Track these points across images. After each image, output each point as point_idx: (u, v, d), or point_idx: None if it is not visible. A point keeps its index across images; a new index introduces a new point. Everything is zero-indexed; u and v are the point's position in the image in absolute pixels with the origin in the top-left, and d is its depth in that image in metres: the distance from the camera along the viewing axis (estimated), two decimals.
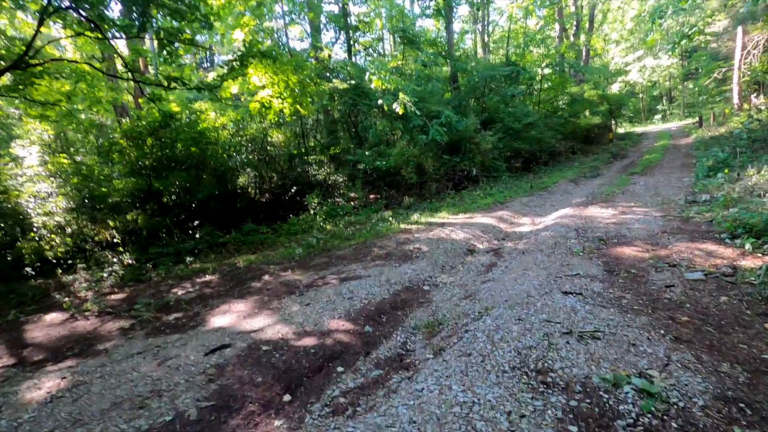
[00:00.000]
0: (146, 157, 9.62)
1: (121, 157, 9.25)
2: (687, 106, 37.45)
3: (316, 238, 7.47)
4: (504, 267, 4.85)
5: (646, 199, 7.57)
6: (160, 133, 9.45)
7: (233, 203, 10.70)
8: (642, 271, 4.19)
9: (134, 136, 9.54)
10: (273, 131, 12.50)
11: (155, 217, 9.93)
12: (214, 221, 10.24)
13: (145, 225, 9.63)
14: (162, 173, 9.78)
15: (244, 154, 11.47)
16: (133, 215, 9.67)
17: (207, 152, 9.81)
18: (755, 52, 16.50)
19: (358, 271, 5.31)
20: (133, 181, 9.90)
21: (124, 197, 10.05)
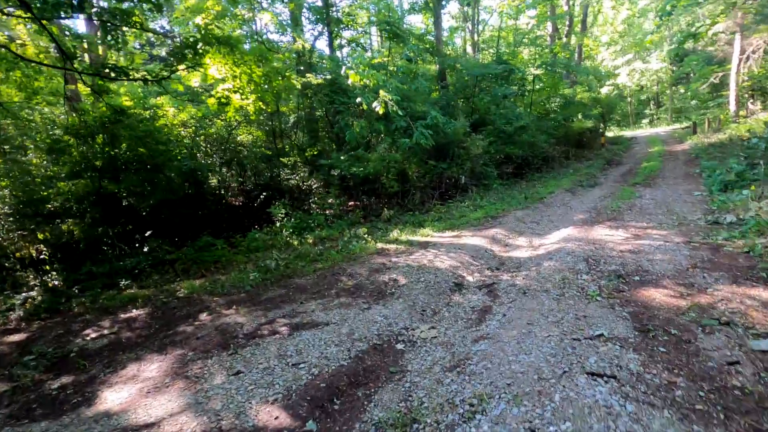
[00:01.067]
0: (96, 156, 8.38)
1: (67, 157, 7.99)
2: (675, 111, 37.19)
3: (276, 259, 6.30)
4: (501, 316, 3.76)
5: (659, 218, 6.59)
6: (111, 130, 8.20)
7: (192, 211, 9.45)
8: (685, 331, 3.15)
9: (80, 132, 8.28)
10: (241, 130, 11.27)
11: (97, 226, 8.64)
12: (167, 232, 8.98)
13: (82, 237, 8.33)
14: (116, 175, 8.54)
15: (204, 156, 10.21)
16: (69, 225, 8.35)
17: (158, 153, 8.53)
18: (755, 57, 15.84)
19: (316, 314, 4.17)
20: (82, 183, 8.62)
21: (70, 202, 8.74)
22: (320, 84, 9.60)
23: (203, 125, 10.21)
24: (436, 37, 15.36)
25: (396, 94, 8.55)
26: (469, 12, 22.02)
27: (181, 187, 9.09)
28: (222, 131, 10.50)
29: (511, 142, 12.36)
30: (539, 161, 13.61)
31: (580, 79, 19.87)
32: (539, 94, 17.91)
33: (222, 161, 10.43)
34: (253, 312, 4.48)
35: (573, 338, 3.14)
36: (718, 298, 3.62)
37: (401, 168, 9.07)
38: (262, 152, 11.96)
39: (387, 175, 8.81)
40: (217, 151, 10.65)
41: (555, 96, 18.30)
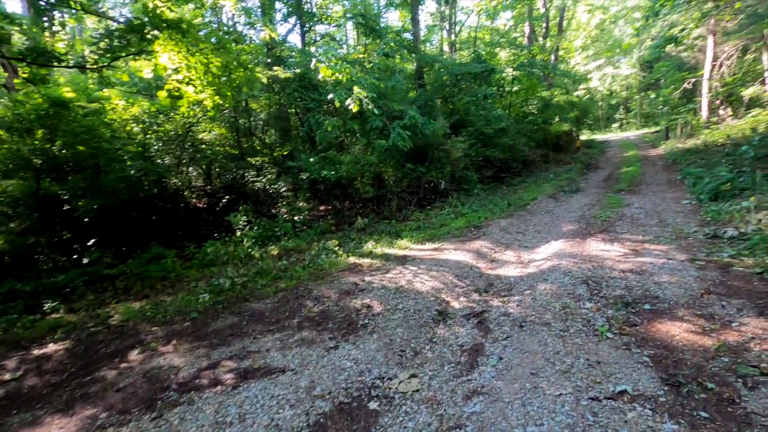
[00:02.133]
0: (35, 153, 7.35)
1: None
2: (644, 115, 38.07)
3: (232, 277, 5.46)
4: (497, 359, 3.10)
5: (653, 230, 6.13)
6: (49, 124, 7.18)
7: (145, 216, 8.45)
8: (723, 385, 2.57)
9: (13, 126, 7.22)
10: (204, 126, 10.29)
11: (29, 234, 7.55)
12: (113, 241, 7.97)
13: (7, 247, 7.25)
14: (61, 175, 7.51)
15: (160, 155, 9.20)
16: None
17: (100, 152, 7.52)
18: (728, 63, 15.96)
19: (271, 356, 3.40)
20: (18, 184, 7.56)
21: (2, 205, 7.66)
22: (289, 78, 8.76)
23: (158, 121, 9.21)
24: (414, 34, 14.74)
25: (371, 91, 7.83)
26: (447, 12, 21.56)
27: (129, 189, 8.09)
28: (180, 128, 9.51)
29: (492, 144, 11.86)
30: (519, 165, 13.19)
31: (557, 82, 19.70)
32: (517, 96, 17.59)
33: (179, 161, 9.44)
34: (195, 350, 3.66)
35: (591, 398, 2.50)
36: (747, 336, 3.08)
37: (377, 171, 8.35)
38: (225, 151, 11.02)
39: (361, 179, 8.08)
40: (175, 149, 9.65)
41: (533, 98, 18.02)
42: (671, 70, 21.40)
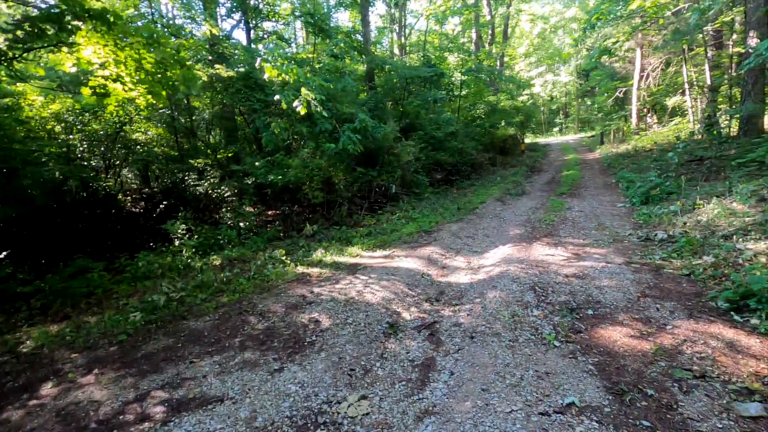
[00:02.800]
0: None
1: None
2: (581, 121, 40.55)
3: (167, 293, 5.03)
4: (448, 374, 3.03)
5: (593, 233, 6.42)
6: None
7: (70, 224, 7.67)
8: (662, 390, 2.65)
9: None
10: (135, 127, 9.53)
11: None
12: (30, 253, 7.16)
13: None
14: None
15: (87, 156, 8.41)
16: None
17: (12, 154, 6.71)
18: (653, 74, 17.32)
19: (208, 382, 3.11)
20: None
21: None
22: (232, 77, 8.30)
23: (84, 120, 8.40)
24: (364, 35, 14.62)
25: (320, 93, 7.59)
26: (397, 14, 21.67)
27: (50, 195, 7.30)
28: (110, 127, 8.74)
29: (441, 148, 12.01)
30: (468, 168, 13.47)
31: (503, 87, 20.43)
32: (466, 100, 18.01)
33: (108, 163, 8.67)
34: (121, 380, 3.29)
35: (541, 413, 2.48)
36: (680, 339, 3.23)
37: (326, 176, 8.13)
38: (164, 153, 10.29)
39: (310, 184, 7.81)
40: (104, 151, 8.85)
41: (480, 103, 18.55)
42: (605, 79, 22.91)
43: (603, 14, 10.07)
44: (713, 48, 13.62)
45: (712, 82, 12.95)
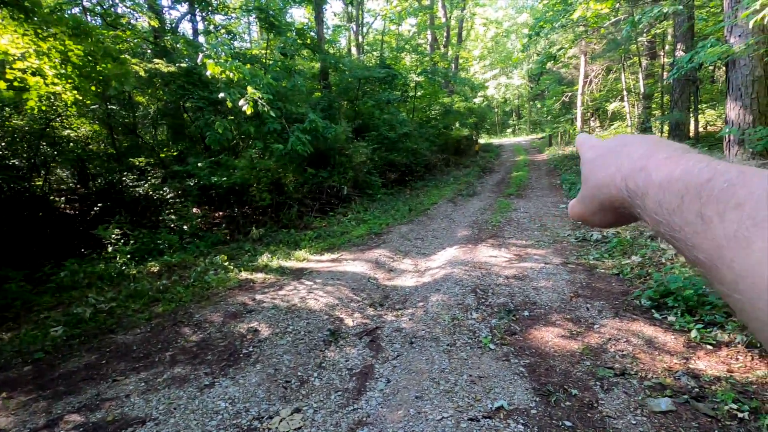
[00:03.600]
0: None
1: None
2: (532, 123, 42.24)
3: (94, 304, 4.69)
4: (385, 382, 3.01)
5: (535, 234, 6.67)
6: None
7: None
8: (585, 390, 2.77)
9: None
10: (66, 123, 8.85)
11: None
12: None
13: None
14: None
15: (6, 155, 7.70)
16: None
17: None
18: (596, 81, 18.30)
19: (131, 402, 2.92)
20: None
21: None
22: (173, 73, 7.89)
23: (5, 115, 7.69)
24: (318, 33, 14.39)
25: (268, 92, 7.37)
26: (354, 13, 21.55)
27: None
28: (35, 123, 8.05)
29: (395, 149, 12.06)
30: (422, 169, 13.63)
31: (458, 89, 20.84)
32: (420, 101, 18.21)
33: (32, 162, 7.99)
34: (33, 404, 3.01)
35: (470, 418, 2.52)
36: (606, 337, 3.40)
37: (275, 177, 7.91)
38: (102, 151, 9.62)
39: (257, 186, 7.57)
40: (29, 149, 8.15)
41: (435, 104, 18.82)
42: (553, 84, 23.96)
43: (548, 22, 10.50)
44: (647, 58, 14.59)
45: (645, 90, 13.87)
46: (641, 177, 0.35)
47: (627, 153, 0.39)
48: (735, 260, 0.25)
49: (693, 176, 0.30)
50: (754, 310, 0.24)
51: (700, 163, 0.31)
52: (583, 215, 0.45)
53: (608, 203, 0.40)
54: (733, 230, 0.26)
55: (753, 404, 2.49)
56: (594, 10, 11.11)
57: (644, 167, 0.35)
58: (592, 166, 0.43)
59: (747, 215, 0.25)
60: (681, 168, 0.32)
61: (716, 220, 0.27)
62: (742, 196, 0.26)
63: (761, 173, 0.27)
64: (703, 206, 0.28)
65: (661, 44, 14.36)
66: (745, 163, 0.53)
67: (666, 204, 0.31)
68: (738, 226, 0.25)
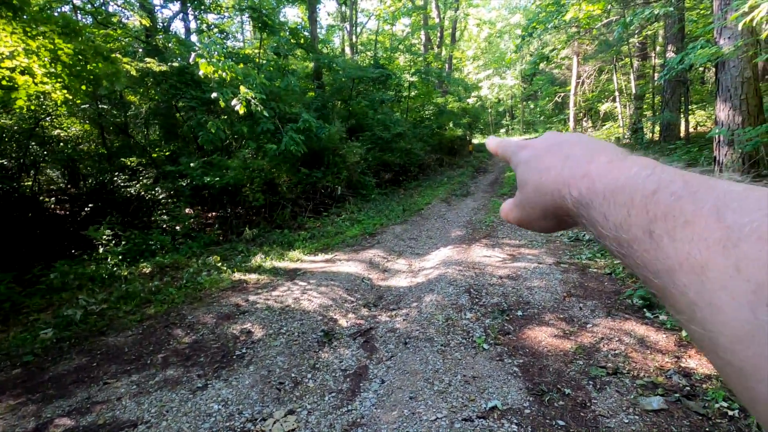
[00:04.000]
0: None
1: None
2: (525, 123, 42.47)
3: (84, 306, 4.64)
4: (379, 382, 3.01)
5: (528, 234, 6.70)
6: None
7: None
8: (578, 389, 2.79)
9: None
10: (56, 122, 8.76)
11: None
12: None
13: None
14: None
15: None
16: None
17: None
18: (588, 81, 18.45)
19: (123, 405, 2.89)
20: None
21: None
22: (165, 72, 7.82)
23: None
24: (311, 32, 14.35)
25: (261, 92, 7.34)
26: (347, 13, 21.53)
27: None
28: (24, 123, 7.95)
29: (389, 149, 12.06)
30: (416, 169, 13.64)
31: (451, 89, 20.89)
32: (414, 102, 18.23)
33: (21, 162, 7.88)
34: (22, 407, 2.97)
35: (464, 418, 2.52)
36: (598, 337, 3.43)
37: (269, 177, 7.87)
38: (93, 151, 9.52)
39: (251, 186, 7.53)
40: (18, 149, 8.04)
41: (428, 104, 18.86)
42: (546, 84, 24.15)
43: (541, 23, 10.57)
44: (639, 59, 14.73)
45: (637, 91, 14.00)
46: (584, 184, 0.32)
47: (565, 155, 0.36)
48: (689, 287, 0.23)
49: (638, 186, 0.28)
50: (713, 345, 0.22)
51: (644, 170, 0.29)
52: (521, 221, 0.42)
53: (552, 210, 0.37)
54: (686, 252, 0.24)
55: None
56: (586, 12, 11.19)
57: (587, 173, 0.33)
58: (527, 167, 0.40)
59: (698, 236, 0.23)
60: (625, 176, 0.30)
61: (666, 240, 0.25)
62: (690, 213, 0.24)
63: (706, 183, 0.25)
64: (651, 222, 0.26)
65: (652, 45, 14.50)
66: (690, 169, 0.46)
67: (612, 217, 0.29)
68: (690, 248, 0.23)
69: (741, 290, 0.20)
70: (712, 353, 0.22)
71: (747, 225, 0.21)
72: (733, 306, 0.20)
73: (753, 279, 0.20)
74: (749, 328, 0.20)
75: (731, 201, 0.23)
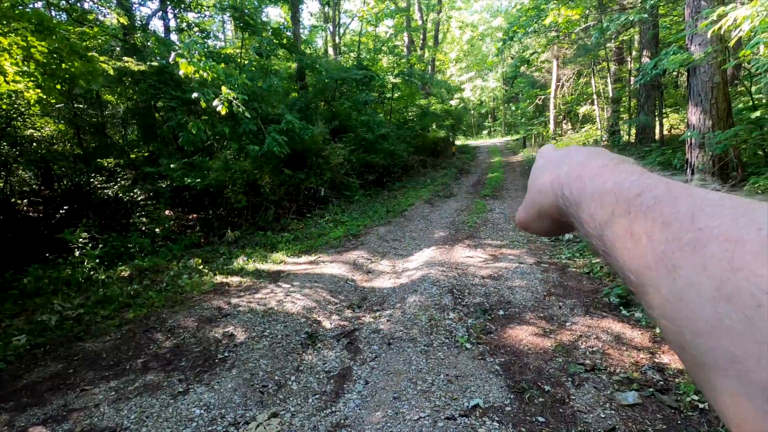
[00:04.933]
0: None
1: None
2: (507, 124, 43.07)
3: (60, 311, 4.51)
4: (363, 383, 3.03)
5: (509, 234, 6.81)
6: None
7: None
8: (558, 385, 2.86)
9: None
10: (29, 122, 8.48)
11: None
12: None
13: None
14: None
15: None
16: None
17: None
18: (567, 84, 18.83)
19: (101, 411, 2.83)
20: None
21: None
22: (144, 71, 7.68)
23: None
24: (294, 33, 14.27)
25: (243, 92, 7.27)
26: (330, 13, 21.47)
27: None
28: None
29: (373, 150, 12.08)
30: (399, 170, 13.70)
31: (434, 91, 21.05)
32: (398, 103, 18.30)
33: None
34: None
35: (447, 417, 2.56)
36: (577, 334, 3.52)
37: (251, 178, 7.80)
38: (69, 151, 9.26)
39: (232, 188, 7.45)
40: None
41: (412, 106, 18.95)
42: (527, 87, 24.52)
43: (521, 26, 10.75)
44: (616, 63, 15.12)
45: (614, 94, 14.37)
46: (576, 185, 0.34)
47: (568, 160, 0.39)
48: (662, 284, 0.24)
49: (624, 190, 0.30)
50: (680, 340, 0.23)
51: (631, 176, 0.31)
52: (524, 222, 0.44)
53: (546, 210, 0.39)
54: (660, 251, 0.25)
55: None
56: (565, 16, 11.43)
57: (579, 175, 0.35)
58: (537, 172, 0.43)
59: (673, 236, 0.25)
60: (613, 180, 0.31)
61: (644, 240, 0.26)
62: (668, 215, 0.26)
63: (686, 190, 0.27)
64: (632, 223, 0.28)
65: (628, 50, 14.91)
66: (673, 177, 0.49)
67: (597, 217, 0.31)
68: (665, 248, 0.25)
69: (706, 286, 0.22)
70: (679, 348, 0.24)
71: (716, 228, 0.23)
72: (699, 301, 0.22)
73: (716, 276, 0.21)
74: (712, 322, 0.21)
75: (706, 206, 0.25)
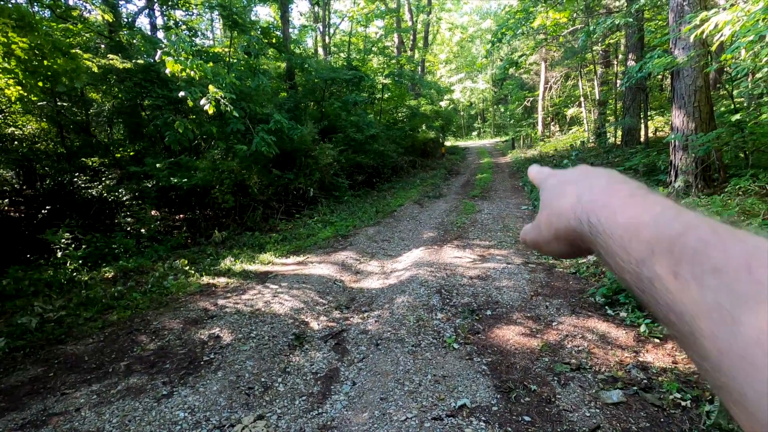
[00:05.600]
0: None
1: None
2: (496, 126, 43.39)
3: (41, 313, 4.41)
4: (350, 384, 3.01)
5: (497, 235, 6.86)
6: None
7: None
8: (544, 385, 2.88)
9: None
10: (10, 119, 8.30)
11: None
12: None
13: None
14: None
15: None
16: None
17: None
18: (555, 87, 19.05)
19: (82, 416, 2.77)
20: None
21: None
22: (129, 69, 7.55)
23: None
24: (284, 32, 14.19)
25: (231, 92, 7.19)
26: (320, 13, 21.39)
27: None
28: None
29: (362, 150, 12.07)
30: (389, 171, 13.71)
31: (424, 92, 21.11)
32: (387, 104, 18.32)
33: None
34: None
35: (434, 417, 2.56)
36: (563, 334, 3.55)
37: (239, 178, 7.72)
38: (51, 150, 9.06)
39: (220, 188, 7.37)
40: None
41: (402, 106, 18.99)
42: (515, 89, 24.75)
43: (510, 29, 10.85)
44: (602, 66, 15.34)
45: (600, 97, 14.57)
46: (604, 214, 0.33)
47: (588, 184, 0.37)
48: (718, 336, 0.23)
49: (663, 227, 0.28)
50: (740, 397, 0.22)
51: (668, 211, 0.30)
52: (537, 242, 0.43)
53: (564, 233, 0.38)
54: (714, 299, 0.23)
55: (695, 393, 2.67)
56: (553, 19, 11.58)
57: (607, 204, 0.33)
58: (552, 193, 0.42)
59: (728, 286, 0.23)
60: (649, 214, 0.30)
61: (693, 284, 0.25)
62: (719, 261, 0.24)
63: (733, 234, 0.26)
64: (677, 264, 0.26)
65: (614, 53, 15.13)
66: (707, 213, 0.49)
67: (634, 252, 0.29)
68: (717, 296, 0.23)
69: None
70: (737, 403, 0.22)
71: None
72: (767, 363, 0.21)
73: None
74: None
75: (762, 257, 0.23)
